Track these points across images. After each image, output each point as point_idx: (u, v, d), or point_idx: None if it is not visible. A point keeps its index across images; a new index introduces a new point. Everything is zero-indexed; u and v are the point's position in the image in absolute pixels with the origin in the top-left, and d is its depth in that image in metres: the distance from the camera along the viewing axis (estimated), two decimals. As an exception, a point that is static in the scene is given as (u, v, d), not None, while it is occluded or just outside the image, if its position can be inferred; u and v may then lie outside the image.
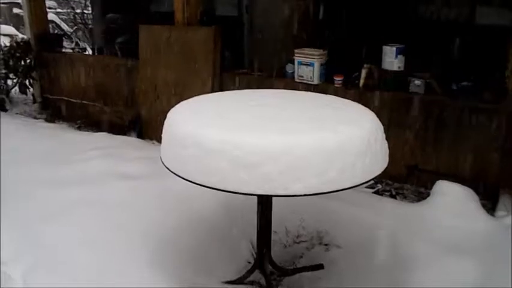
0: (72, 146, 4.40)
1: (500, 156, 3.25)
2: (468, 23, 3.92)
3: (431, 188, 3.30)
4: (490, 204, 3.21)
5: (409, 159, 3.59)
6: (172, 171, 1.85)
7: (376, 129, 1.88)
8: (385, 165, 1.92)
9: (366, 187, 3.58)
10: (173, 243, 2.65)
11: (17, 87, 6.05)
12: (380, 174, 1.86)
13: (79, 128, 5.38)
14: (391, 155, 1.98)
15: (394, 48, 3.58)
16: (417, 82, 3.53)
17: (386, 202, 3.34)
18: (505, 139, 3.21)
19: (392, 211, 3.10)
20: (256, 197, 2.17)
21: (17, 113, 5.85)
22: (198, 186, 1.74)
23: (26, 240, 2.69)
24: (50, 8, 8.98)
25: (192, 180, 1.76)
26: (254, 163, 1.64)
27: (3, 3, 13.76)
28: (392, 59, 3.60)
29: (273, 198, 2.22)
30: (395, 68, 3.61)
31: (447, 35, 3.93)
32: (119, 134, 4.86)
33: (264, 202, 2.24)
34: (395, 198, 3.49)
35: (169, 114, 2.00)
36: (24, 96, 6.21)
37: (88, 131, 5.22)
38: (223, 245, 2.64)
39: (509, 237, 2.67)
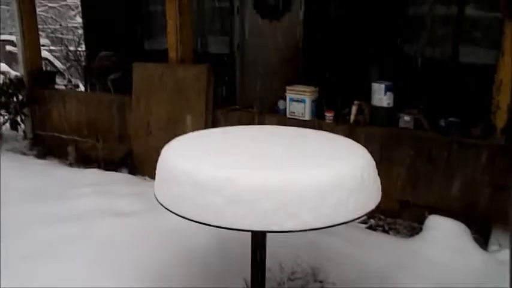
0: (64, 182, 4.36)
1: (491, 190, 3.28)
2: (453, 62, 4.05)
3: (423, 223, 3.31)
4: (482, 239, 3.22)
5: (401, 194, 3.62)
6: (166, 208, 1.84)
7: (368, 165, 1.90)
8: (378, 200, 1.93)
9: (359, 222, 3.58)
10: (167, 282, 2.60)
11: (8, 124, 6.03)
12: (373, 209, 1.87)
13: (70, 165, 5.34)
14: (383, 190, 1.99)
15: (383, 86, 3.66)
16: (406, 118, 3.60)
17: (380, 237, 3.34)
18: (495, 173, 3.25)
19: (386, 247, 3.10)
20: (250, 233, 2.16)
21: (7, 150, 5.80)
22: (192, 222, 1.74)
23: (16, 278, 2.63)
24: (43, 45, 9.08)
25: (186, 217, 1.75)
26: (248, 199, 1.64)
27: (-4, 41, 13.89)
28: (381, 96, 3.68)
29: (267, 234, 2.21)
30: (384, 104, 3.69)
31: (433, 73, 4.05)
32: (110, 170, 4.83)
33: (258, 238, 2.22)
34: (388, 233, 3.49)
35: (163, 151, 2.01)
36: (15, 132, 6.18)
37: (79, 167, 5.19)
38: (217, 283, 2.60)
39: (502, 272, 2.66)
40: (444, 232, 3.10)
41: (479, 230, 3.28)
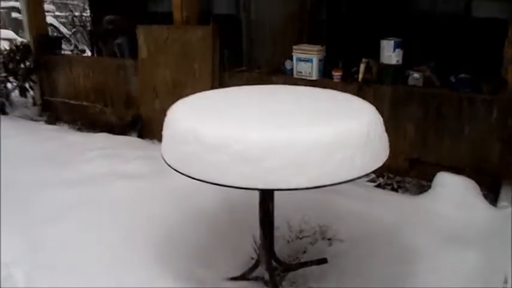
0: (73, 147, 4.40)
1: (501, 146, 3.25)
2: (465, 16, 3.93)
3: (432, 181, 3.31)
4: (491, 195, 3.21)
5: (410, 152, 3.60)
6: (173, 168, 1.85)
7: (375, 121, 1.88)
8: (385, 157, 1.92)
9: (368, 181, 3.59)
10: (176, 241, 2.66)
11: (17, 91, 6.06)
12: (381, 168, 1.86)
13: (79, 130, 5.38)
14: (392, 148, 1.98)
15: (392, 42, 3.58)
16: (416, 75, 3.54)
17: (388, 195, 3.35)
18: (505, 130, 3.21)
19: (394, 204, 3.11)
20: (258, 192, 2.18)
21: (17, 116, 5.85)
22: (200, 182, 1.75)
23: (28, 241, 2.70)
24: (48, 11, 9.00)
25: (194, 176, 1.76)
26: (255, 157, 1.64)
27: (1, 8, 13.78)
28: (390, 53, 3.60)
29: (275, 193, 2.23)
30: (393, 61, 3.62)
31: (444, 28, 3.94)
32: (119, 135, 4.86)
33: (266, 197, 2.24)
34: (397, 192, 3.49)
35: (169, 111, 2.01)
36: (24, 99, 6.21)
37: (89, 132, 5.22)
38: (227, 241, 2.65)
39: (510, 227, 2.67)
40: (453, 189, 3.09)
41: (489, 186, 3.27)
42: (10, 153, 4.06)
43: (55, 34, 9.70)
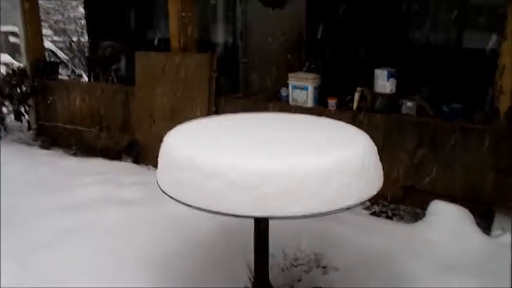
0: (68, 172, 4.39)
1: (494, 175, 3.28)
2: (456, 47, 4.02)
3: (427, 208, 3.32)
4: (485, 223, 3.22)
5: (405, 180, 3.62)
6: (168, 195, 1.85)
7: (369, 150, 1.90)
8: (380, 185, 1.93)
9: (363, 209, 3.60)
10: (170, 269, 2.63)
11: (12, 115, 6.06)
12: (376, 196, 1.88)
13: (74, 154, 5.37)
14: (386, 176, 2.00)
15: (386, 72, 3.65)
16: (409, 104, 3.59)
17: (383, 223, 3.35)
18: (498, 158, 3.25)
19: (389, 232, 3.11)
20: (253, 220, 2.18)
21: (12, 140, 5.84)
22: (196, 210, 1.75)
23: (23, 268, 2.67)
24: (46, 35, 9.06)
25: (189, 204, 1.76)
26: (251, 185, 1.64)
27: (-1, 32, 13.87)
28: (384, 82, 3.67)
29: (270, 221, 2.22)
30: (387, 90, 3.68)
31: (436, 59, 4.03)
32: (114, 160, 4.86)
33: (261, 225, 2.24)
34: (392, 219, 3.50)
35: (165, 138, 2.02)
36: (19, 123, 6.20)
37: (84, 157, 5.21)
38: (221, 269, 2.62)
39: (505, 255, 2.67)
40: (447, 217, 3.11)
41: (482, 215, 3.29)
42: (3, 178, 4.03)
43: (52, 59, 9.77)
